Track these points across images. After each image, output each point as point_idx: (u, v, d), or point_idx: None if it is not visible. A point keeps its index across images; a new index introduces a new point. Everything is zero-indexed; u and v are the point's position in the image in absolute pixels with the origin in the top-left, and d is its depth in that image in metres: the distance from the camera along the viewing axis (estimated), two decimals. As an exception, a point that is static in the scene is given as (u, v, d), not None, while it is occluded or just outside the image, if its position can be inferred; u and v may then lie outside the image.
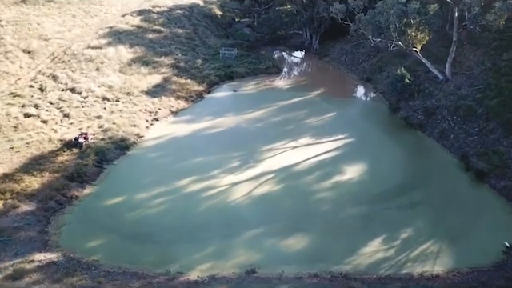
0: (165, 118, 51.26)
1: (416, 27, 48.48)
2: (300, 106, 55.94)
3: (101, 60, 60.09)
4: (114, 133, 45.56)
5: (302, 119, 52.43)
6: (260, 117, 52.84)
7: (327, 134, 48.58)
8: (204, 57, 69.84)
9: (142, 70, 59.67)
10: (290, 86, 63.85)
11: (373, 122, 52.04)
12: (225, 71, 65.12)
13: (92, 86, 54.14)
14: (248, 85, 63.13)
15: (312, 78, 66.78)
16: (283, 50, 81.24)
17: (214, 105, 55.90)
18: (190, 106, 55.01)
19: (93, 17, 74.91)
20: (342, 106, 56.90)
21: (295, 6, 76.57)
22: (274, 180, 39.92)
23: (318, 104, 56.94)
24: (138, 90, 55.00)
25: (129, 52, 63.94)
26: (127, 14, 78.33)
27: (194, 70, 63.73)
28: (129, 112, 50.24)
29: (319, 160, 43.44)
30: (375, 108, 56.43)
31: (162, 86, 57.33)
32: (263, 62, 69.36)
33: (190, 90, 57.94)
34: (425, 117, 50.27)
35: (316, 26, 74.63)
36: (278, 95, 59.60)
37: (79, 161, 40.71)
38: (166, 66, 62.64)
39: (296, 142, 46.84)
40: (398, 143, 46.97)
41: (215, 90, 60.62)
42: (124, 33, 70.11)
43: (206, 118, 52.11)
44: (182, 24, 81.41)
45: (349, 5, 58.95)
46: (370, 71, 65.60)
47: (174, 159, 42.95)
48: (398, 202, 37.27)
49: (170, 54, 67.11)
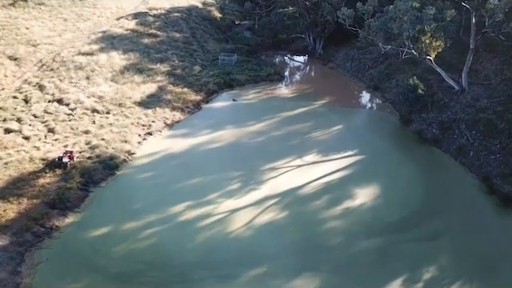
0: (159, 131, 46.95)
1: (431, 34, 44.06)
2: (304, 118, 51.58)
3: (91, 68, 55.73)
4: (103, 150, 41.28)
5: (307, 133, 48.11)
6: (261, 130, 48.52)
7: (334, 150, 44.27)
8: (202, 63, 65.44)
9: (135, 79, 55.32)
10: (292, 94, 59.47)
11: (383, 136, 47.74)
12: (224, 79, 60.74)
13: (81, 97, 49.82)
14: (248, 93, 58.76)
15: (316, 85, 62.44)
16: (285, 55, 76.74)
17: (213, 116, 51.56)
18: (186, 117, 50.66)
19: (85, 20, 70.52)
20: (350, 118, 52.55)
21: (298, 9, 72.13)
22: (278, 206, 35.63)
23: (323, 115, 52.59)
24: (130, 101, 50.66)
25: (122, 59, 59.56)
26: (122, 18, 73.94)
27: (191, 78, 59.37)
28: (120, 126, 45.90)
29: (327, 181, 39.14)
30: (385, 120, 52.06)
31: (156, 96, 52.97)
32: (264, 69, 64.96)
33: (186, 99, 53.62)
34: (440, 131, 45.92)
35: (320, 29, 70.24)
36: (281, 105, 55.25)
37: (62, 183, 36.46)
38: (161, 74, 58.26)
39: (301, 160, 42.55)
40: (412, 161, 42.66)
41: (214, 100, 56.25)
42: (118, 37, 65.73)
43: (204, 131, 47.80)
44: (179, 27, 77.00)
45: (357, 10, 54.36)
46: (378, 79, 61.20)
47: (167, 180, 38.68)
48: (416, 232, 33.05)
49: (166, 60, 62.73)
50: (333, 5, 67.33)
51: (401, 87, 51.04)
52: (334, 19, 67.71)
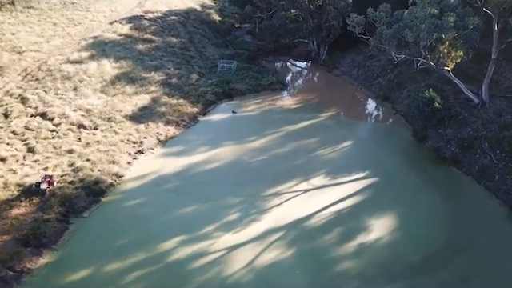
0: (151, 149, 42.27)
1: (450, 43, 39.37)
2: (310, 132, 46.92)
3: (80, 78, 51.02)
4: (88, 173, 36.65)
5: (313, 150, 43.47)
6: (263, 146, 43.89)
7: (344, 171, 39.65)
8: (200, 70, 60.72)
9: (127, 90, 50.60)
10: (296, 105, 54.72)
11: (397, 155, 43.11)
12: (223, 88, 56.04)
13: (67, 111, 45.17)
14: (249, 104, 54.05)
15: (321, 95, 57.76)
16: (287, 61, 71.98)
17: (210, 130, 46.89)
18: (181, 132, 45.98)
19: (76, 25, 65.78)
20: (359, 132, 47.92)
21: (301, 13, 67.37)
22: (283, 242, 31.01)
23: (330, 129, 47.93)
24: (120, 115, 45.97)
25: (113, 67, 54.82)
26: (116, 22, 69.20)
27: (187, 88, 54.66)
28: (108, 143, 41.26)
29: (337, 210, 34.52)
30: (397, 135, 47.37)
31: (149, 109, 48.28)
32: (266, 77, 60.24)
33: (182, 112, 48.95)
34: (460, 150, 41.27)
35: (325, 35, 65.49)
36: (284, 117, 50.57)
37: (39, 215, 31.91)
38: (155, 84, 53.54)
39: (307, 183, 37.91)
40: (431, 185, 38.03)
41: (212, 111, 51.54)
42: (110, 43, 61.00)
43: (200, 148, 43.18)
44: (176, 32, 72.25)
45: (368, 16, 49.48)
46: (388, 88, 56.49)
47: (158, 209, 34.06)
48: (442, 275, 28.49)
49: (161, 68, 58.00)
50: (339, 9, 62.63)
51: (415, 100, 46.26)
52: (340, 24, 63.11)
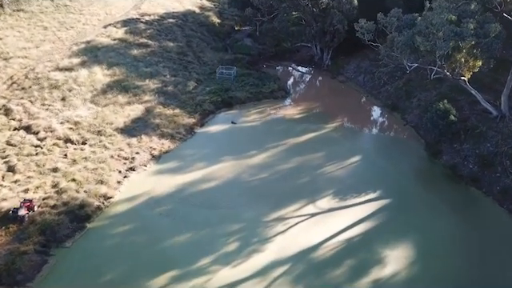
0: (143, 166, 38.64)
1: (468, 51, 35.72)
2: (315, 146, 43.28)
3: (69, 86, 47.31)
4: (72, 195, 33.04)
5: (319, 166, 39.84)
6: (265, 162, 40.26)
7: (353, 192, 36.04)
8: (198, 77, 57.04)
9: (119, 99, 46.92)
10: (300, 114, 51.03)
11: (409, 172, 39.50)
12: (222, 96, 52.38)
13: (53, 123, 41.53)
14: (250, 114, 50.38)
15: (326, 103, 54.10)
16: (289, 66, 68.36)
17: (208, 144, 43.24)
18: (177, 146, 42.33)
19: (68, 29, 62.04)
20: (367, 146, 44.32)
21: (304, 16, 63.65)
22: (288, 278, 27.39)
23: (336, 142, 44.29)
24: (111, 127, 42.31)
25: (105, 74, 51.10)
26: (110, 25, 65.43)
27: (184, 96, 50.99)
28: (96, 160, 37.61)
29: (348, 238, 30.89)
30: (408, 149, 43.70)
31: (142, 121, 44.63)
32: (267, 84, 56.54)
33: (178, 123, 45.31)
34: (479, 167, 37.66)
35: (328, 39, 61.81)
36: (287, 129, 46.95)
37: (15, 245, 28.36)
38: (150, 92, 49.84)
39: (314, 206, 34.28)
40: (449, 207, 34.44)
41: (210, 122, 47.89)
42: (103, 49, 57.27)
43: (197, 164, 39.54)
44: (173, 36, 68.50)
45: (378, 22, 45.64)
46: (396, 96, 52.88)
47: (149, 237, 30.42)
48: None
49: (156, 75, 54.30)
50: (344, 12, 58.92)
51: (428, 111, 42.56)
52: (345, 28, 59.44)
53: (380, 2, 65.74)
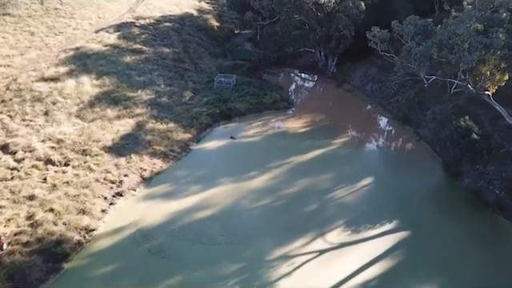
0: (132, 190, 34.36)
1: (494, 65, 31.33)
2: (322, 165, 38.95)
3: (53, 99, 42.92)
4: (49, 229, 28.78)
5: (327, 191, 35.50)
6: (267, 186, 35.93)
7: (367, 221, 31.76)
8: (194, 86, 52.64)
9: (108, 113, 42.52)
10: (304, 128, 46.60)
11: (427, 196, 35.26)
12: (220, 108, 48.00)
13: (33, 142, 37.19)
14: (250, 127, 46.02)
15: (332, 114, 49.66)
16: (291, 72, 63.94)
17: (204, 163, 38.88)
18: (170, 166, 38.00)
19: (57, 34, 57.57)
20: (379, 165, 39.96)
21: (308, 20, 59.16)
22: (296, 336, 23.05)
23: (345, 161, 39.95)
24: (98, 146, 37.94)
25: (94, 85, 46.68)
26: (102, 30, 60.96)
27: (179, 108, 46.62)
28: (79, 185, 33.31)
29: (364, 282, 26.65)
30: (424, 169, 39.32)
31: (133, 137, 40.26)
32: (269, 94, 52.07)
33: (172, 139, 40.98)
34: (506, 193, 33.32)
35: (334, 45, 57.35)
36: (291, 145, 42.58)
37: (-23, 295, 23.95)
38: (142, 104, 45.46)
39: (323, 240, 29.95)
40: (476, 241, 30.19)
41: (207, 137, 43.52)
42: (93, 56, 52.80)
43: (191, 188, 35.26)
44: (169, 41, 64.03)
45: (393, 31, 41.03)
46: (408, 108, 48.44)
47: (135, 281, 26.16)
48: None
49: (149, 84, 49.90)
50: (350, 17, 54.43)
51: (445, 127, 38.18)
52: (352, 33, 55.02)
53: (388, 5, 61.50)
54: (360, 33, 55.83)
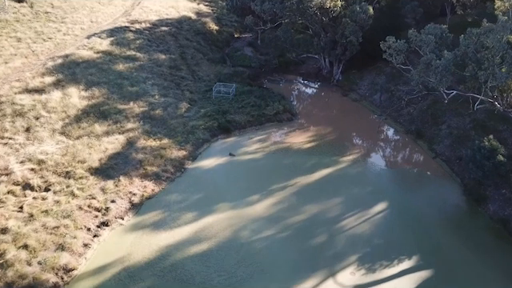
0: (120, 219, 30.49)
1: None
2: (330, 188, 34.99)
3: (36, 113, 38.92)
4: (21, 271, 24.90)
5: (337, 219, 31.53)
6: (270, 214, 31.99)
7: (383, 258, 27.84)
8: (191, 96, 48.68)
9: (95, 129, 38.53)
10: (309, 143, 42.61)
11: (448, 226, 31.29)
12: (219, 121, 44.07)
13: (11, 163, 33.19)
14: (251, 142, 42.10)
15: (339, 128, 45.69)
16: (294, 80, 59.93)
17: (200, 185, 34.93)
18: (163, 189, 34.11)
19: (45, 40, 53.53)
20: (393, 188, 35.88)
21: (312, 26, 55.12)
22: None
23: (355, 182, 35.97)
24: (83, 167, 33.97)
25: (82, 97, 42.66)
26: (94, 35, 56.88)
27: (174, 122, 42.64)
28: (60, 214, 29.39)
29: (383, 338, 22.57)
30: (443, 191, 35.37)
31: (122, 156, 36.29)
32: (271, 105, 48.07)
33: (165, 157, 37.04)
34: (539, 224, 29.30)
35: (339, 52, 53.32)
36: (295, 163, 38.64)
37: None
38: (133, 118, 41.48)
39: (334, 282, 26.02)
40: (509, 280, 26.07)
41: (204, 154, 39.62)
42: (83, 64, 48.74)
43: (185, 216, 31.37)
44: (165, 46, 60.00)
45: (410, 41, 36.76)
46: (421, 121, 44.48)
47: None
48: None
49: (143, 95, 45.91)
50: (358, 22, 50.37)
51: (469, 150, 34.12)
52: (359, 40, 50.99)
53: (396, 10, 57.54)
54: (367, 38, 52.02)
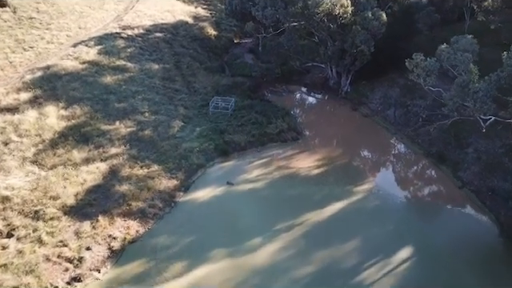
0: (96, 271, 25.15)
1: None
2: (344, 228, 29.58)
3: (6, 138, 33.46)
4: None
5: (354, 271, 26.16)
6: (275, 263, 26.66)
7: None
8: (185, 113, 43.15)
9: (74, 156, 33.04)
10: (318, 168, 37.11)
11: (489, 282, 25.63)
12: (215, 141, 38.67)
13: (-31, 202, 27.74)
14: (251, 168, 36.68)
15: (350, 149, 40.27)
16: (298, 91, 54.45)
17: (193, 225, 29.56)
18: (148, 229, 28.78)
19: (26, 50, 48.04)
20: (417, 227, 30.35)
21: (318, 33, 49.48)
22: None
23: (373, 220, 30.57)
24: (55, 205, 28.55)
25: (61, 117, 37.17)
26: (81, 43, 51.39)
27: (165, 144, 37.15)
28: (22, 268, 24.06)
29: None
30: (477, 233, 29.94)
31: (103, 189, 30.84)
32: (274, 122, 42.53)
33: (153, 189, 31.66)
34: None
35: (349, 62, 47.77)
36: (302, 194, 33.23)
37: None
38: (119, 141, 35.99)
39: None
40: None
41: (198, 183, 34.19)
42: (66, 77, 43.26)
43: (174, 267, 26.15)
44: (159, 55, 54.48)
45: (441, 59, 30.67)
46: (442, 142, 38.96)
47: None
48: None
49: (131, 112, 40.44)
50: (370, 30, 44.76)
51: (507, 183, 28.63)
52: (371, 50, 45.42)
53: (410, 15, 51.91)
54: (378, 46, 46.54)
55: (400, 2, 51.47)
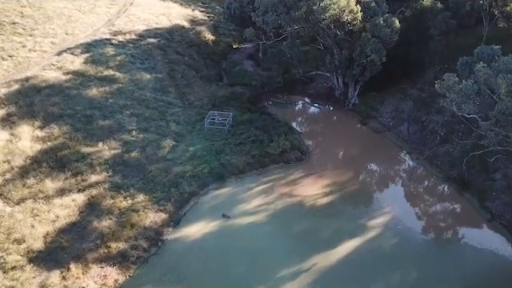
0: (62, 338, 20.23)
1: None
2: (359, 275, 25.01)
3: (-32, 166, 28.73)
4: None
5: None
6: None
7: None
8: (178, 130, 38.37)
9: (46, 186, 28.29)
10: (326, 196, 32.28)
11: None
12: (210, 164, 33.99)
13: None
14: (250, 196, 31.95)
15: (361, 172, 35.61)
16: (301, 101, 49.69)
17: (181, 271, 24.94)
18: (129, 278, 24.12)
19: (4, 59, 43.10)
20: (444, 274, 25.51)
21: (324, 41, 44.62)
22: None
23: (393, 264, 25.88)
24: (19, 250, 23.84)
25: (36, 138, 32.39)
26: (67, 51, 46.57)
27: (153, 168, 32.40)
28: None
29: None
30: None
31: (78, 227, 26.13)
32: (276, 140, 37.76)
33: (137, 225, 27.02)
34: None
35: (357, 72, 42.95)
36: (310, 231, 28.60)
37: None
38: (100, 167, 31.21)
39: None
40: None
41: (189, 215, 29.52)
42: (46, 90, 38.48)
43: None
44: (152, 63, 49.67)
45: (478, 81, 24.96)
46: (465, 164, 34.01)
47: None
48: None
49: (117, 131, 35.66)
50: (381, 38, 39.90)
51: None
52: (382, 59, 40.60)
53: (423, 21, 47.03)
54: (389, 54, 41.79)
55: (413, 7, 46.63)
